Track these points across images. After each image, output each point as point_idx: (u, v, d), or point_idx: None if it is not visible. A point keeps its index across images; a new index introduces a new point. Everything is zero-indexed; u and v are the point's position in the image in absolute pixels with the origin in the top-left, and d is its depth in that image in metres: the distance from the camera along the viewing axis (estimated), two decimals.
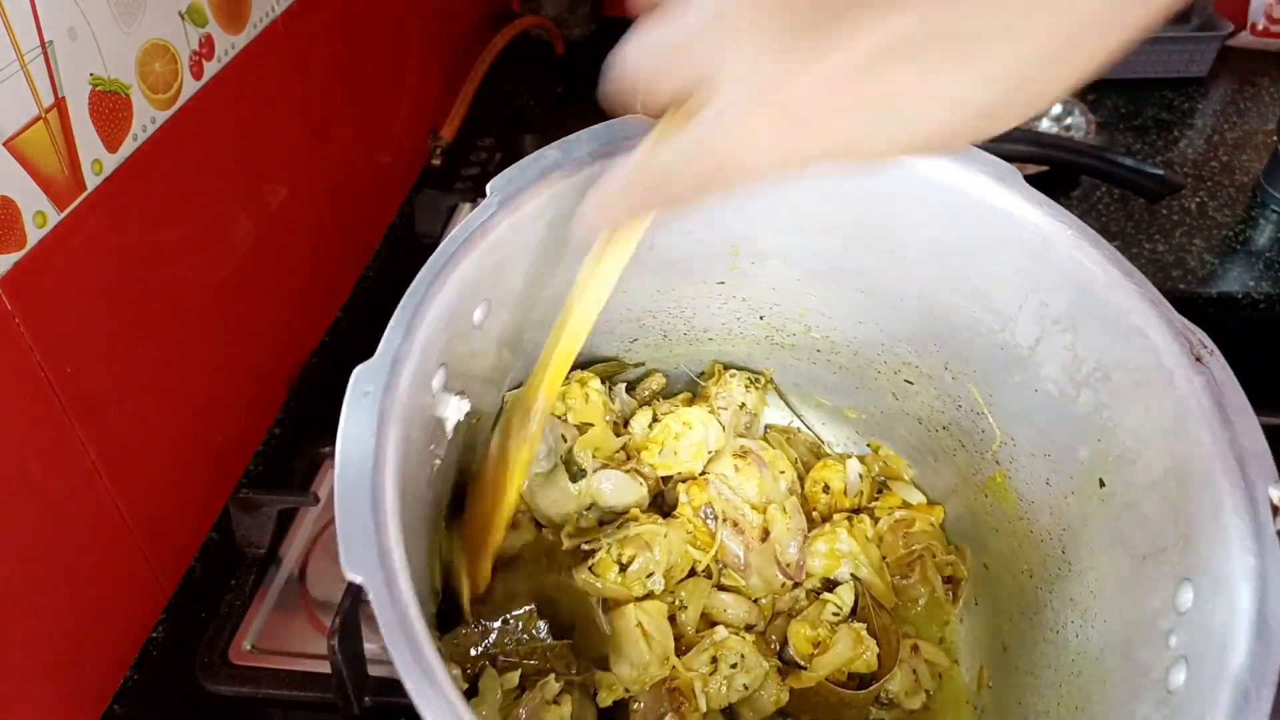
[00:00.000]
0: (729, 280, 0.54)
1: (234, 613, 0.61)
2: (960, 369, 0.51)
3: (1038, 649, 0.46)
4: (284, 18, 0.71)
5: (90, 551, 0.56)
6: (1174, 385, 0.38)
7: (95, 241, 0.53)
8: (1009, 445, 0.50)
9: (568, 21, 1.31)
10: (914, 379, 0.54)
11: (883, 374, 0.55)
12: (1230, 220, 1.01)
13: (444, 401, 0.40)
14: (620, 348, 0.56)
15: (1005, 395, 0.49)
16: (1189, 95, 1.23)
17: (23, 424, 0.50)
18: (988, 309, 0.47)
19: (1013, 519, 0.51)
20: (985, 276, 0.47)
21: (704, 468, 0.56)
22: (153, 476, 0.61)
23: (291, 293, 0.78)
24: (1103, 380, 0.42)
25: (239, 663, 0.59)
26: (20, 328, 0.48)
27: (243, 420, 0.73)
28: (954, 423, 0.54)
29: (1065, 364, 0.45)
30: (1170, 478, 0.38)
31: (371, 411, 0.34)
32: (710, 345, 0.59)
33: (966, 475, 0.54)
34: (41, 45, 0.47)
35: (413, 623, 0.30)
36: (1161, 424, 0.39)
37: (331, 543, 0.66)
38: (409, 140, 1.03)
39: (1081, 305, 0.43)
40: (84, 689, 0.57)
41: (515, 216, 0.40)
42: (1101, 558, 0.42)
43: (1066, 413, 0.45)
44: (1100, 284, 0.42)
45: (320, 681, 0.57)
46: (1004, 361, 0.48)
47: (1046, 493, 0.47)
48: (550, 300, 0.46)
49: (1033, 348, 0.46)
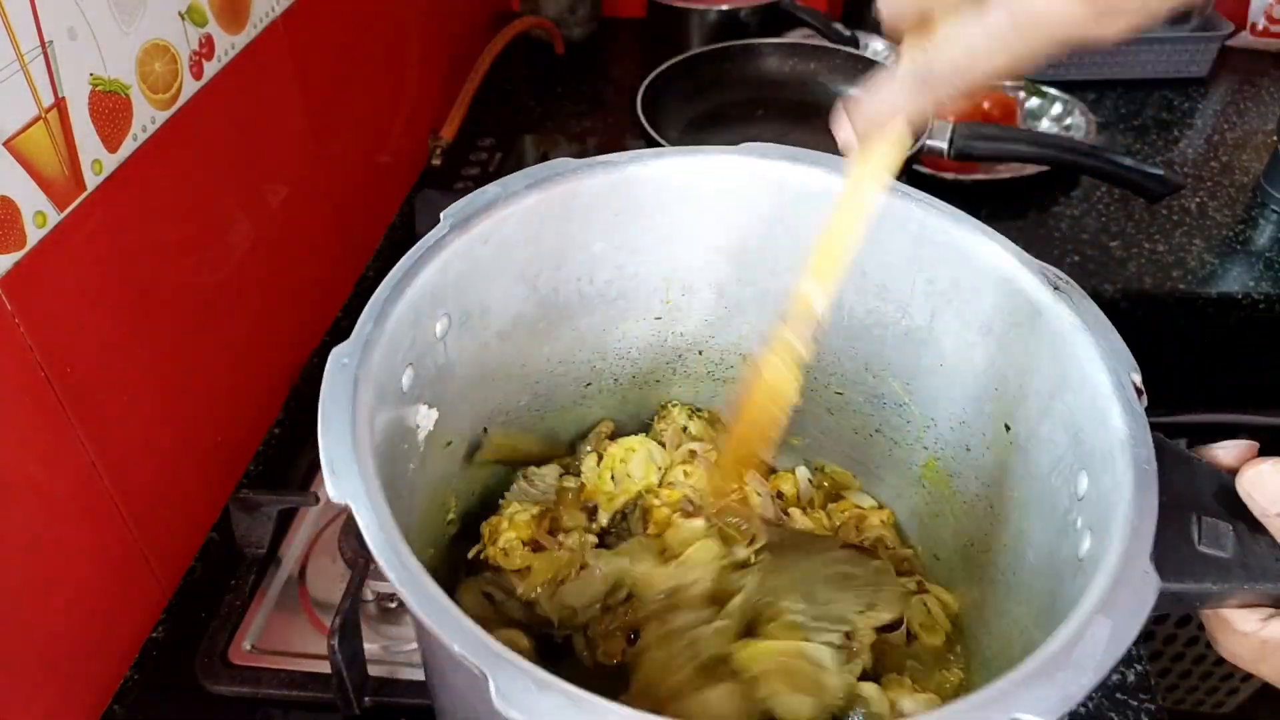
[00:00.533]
0: (665, 315, 0.56)
1: (234, 613, 0.61)
2: (879, 367, 0.55)
3: (988, 605, 0.49)
4: (284, 18, 0.71)
5: (90, 551, 0.56)
6: (1042, 313, 0.44)
7: (95, 241, 0.53)
8: (932, 427, 0.53)
9: (568, 21, 1.31)
10: (842, 388, 0.57)
11: (816, 391, 0.58)
12: (1230, 220, 1.01)
13: (414, 407, 0.44)
14: (575, 394, 0.57)
15: (920, 379, 0.53)
16: (1189, 95, 1.23)
17: (23, 424, 0.50)
18: (888, 300, 0.52)
19: (949, 497, 0.53)
20: (882, 269, 0.51)
21: (659, 480, 0.57)
22: (153, 476, 0.61)
23: (291, 293, 0.78)
24: (988, 334, 0.47)
25: (239, 663, 0.59)
26: (20, 328, 0.48)
27: (243, 420, 0.73)
28: (884, 422, 0.56)
29: (957, 331, 0.49)
30: (1056, 394, 0.43)
31: (349, 374, 0.37)
32: (657, 389, 0.60)
33: (904, 472, 0.57)
34: (41, 45, 0.48)
35: (393, 531, 0.33)
36: (1039, 351, 0.44)
37: (332, 543, 0.66)
38: (409, 140, 1.03)
39: (958, 272, 0.48)
40: (84, 689, 0.57)
41: (467, 236, 0.44)
42: (1019, 494, 0.47)
43: (968, 375, 0.50)
44: (968, 247, 0.47)
45: (320, 681, 0.57)
46: (911, 347, 0.52)
47: (969, 459, 0.51)
48: (505, 325, 0.49)
49: (930, 325, 0.51)
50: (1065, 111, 1.15)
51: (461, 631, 0.29)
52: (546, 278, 0.50)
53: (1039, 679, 0.30)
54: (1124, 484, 0.35)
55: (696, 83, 1.06)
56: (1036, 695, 0.29)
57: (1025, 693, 0.29)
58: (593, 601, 0.50)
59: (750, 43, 1.09)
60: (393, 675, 0.58)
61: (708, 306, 0.56)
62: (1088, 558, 0.36)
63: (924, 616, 0.52)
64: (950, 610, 0.52)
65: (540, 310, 0.51)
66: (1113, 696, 0.59)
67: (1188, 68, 1.25)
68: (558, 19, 1.30)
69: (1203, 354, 0.96)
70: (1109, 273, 0.94)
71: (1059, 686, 0.29)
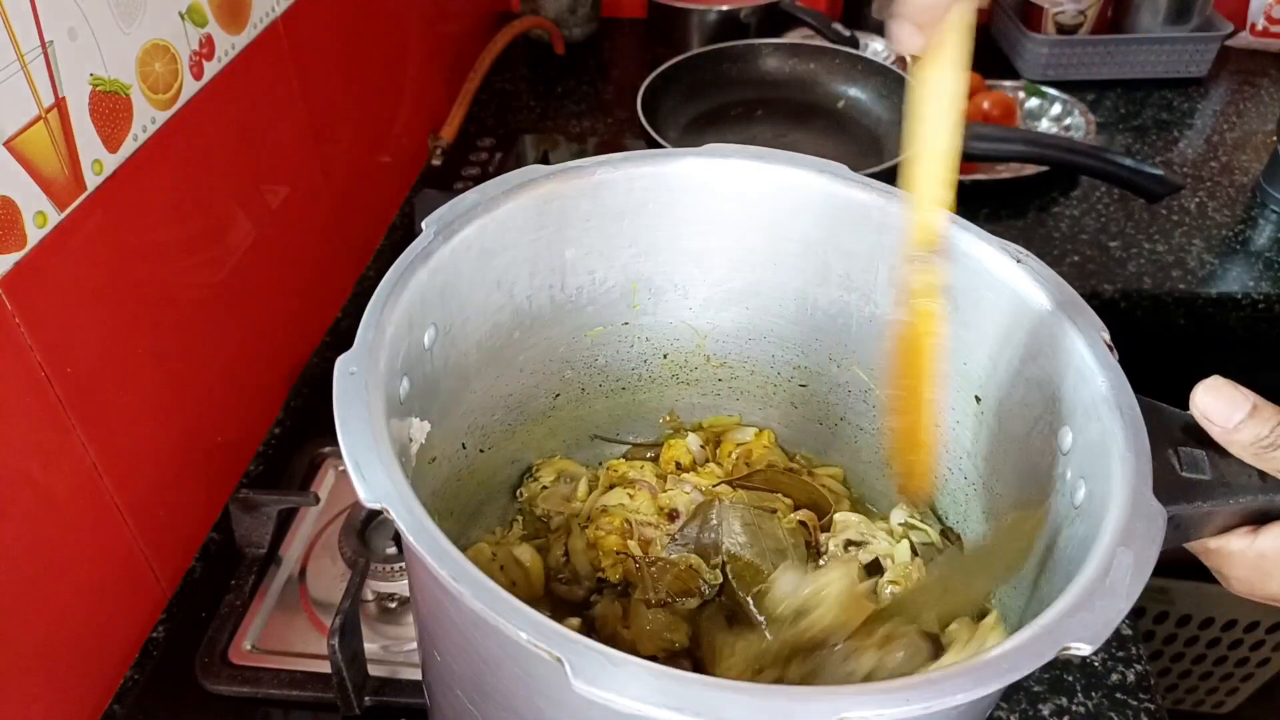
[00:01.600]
0: (632, 320, 0.56)
1: (234, 613, 0.61)
2: (843, 356, 0.55)
3: (975, 567, 0.49)
4: (284, 18, 0.71)
5: (90, 551, 0.56)
6: (1006, 284, 0.45)
7: (95, 241, 0.53)
8: None
9: (568, 21, 1.31)
10: (806, 380, 0.58)
11: (779, 385, 0.59)
12: (1230, 220, 1.01)
13: (409, 420, 0.44)
14: (545, 405, 0.58)
15: (885, 365, 0.53)
16: (1189, 95, 1.23)
17: (23, 424, 0.50)
18: (852, 289, 0.53)
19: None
20: (845, 260, 0.52)
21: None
22: (153, 476, 0.61)
23: (291, 293, 0.78)
24: (953, 311, 0.48)
25: (239, 663, 0.59)
26: (20, 328, 0.49)
27: (243, 420, 0.73)
28: (849, 410, 0.57)
29: None
30: (1028, 360, 0.45)
31: (359, 382, 0.37)
32: (624, 395, 0.60)
33: (870, 458, 0.57)
34: (42, 45, 0.48)
35: (434, 528, 0.33)
36: (1005, 322, 0.46)
37: (332, 542, 0.66)
38: (409, 140, 1.03)
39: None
40: (84, 689, 0.57)
41: (451, 244, 0.45)
42: (996, 460, 0.48)
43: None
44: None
45: (320, 681, 0.57)
46: (875, 333, 0.53)
47: (938, 436, 0.52)
48: (484, 335, 0.49)
49: (894, 311, 0.51)
50: (1065, 112, 1.15)
51: (528, 620, 0.29)
52: (522, 285, 0.50)
53: (1081, 609, 0.31)
54: (1114, 431, 0.38)
55: (696, 83, 1.06)
56: (1083, 623, 0.31)
57: (1071, 622, 0.31)
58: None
59: (750, 43, 1.09)
60: (393, 675, 0.58)
61: (674, 309, 0.57)
62: (1084, 504, 0.39)
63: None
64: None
65: (515, 319, 0.51)
66: (1112, 696, 0.59)
67: (1187, 68, 1.25)
68: (558, 19, 1.30)
69: (1202, 354, 0.96)
70: (1109, 273, 0.94)
71: (1100, 613, 0.31)
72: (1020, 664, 0.30)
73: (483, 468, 0.55)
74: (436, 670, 0.43)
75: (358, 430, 0.35)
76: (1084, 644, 0.30)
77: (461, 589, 0.30)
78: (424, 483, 0.48)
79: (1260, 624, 1.16)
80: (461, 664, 0.38)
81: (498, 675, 0.35)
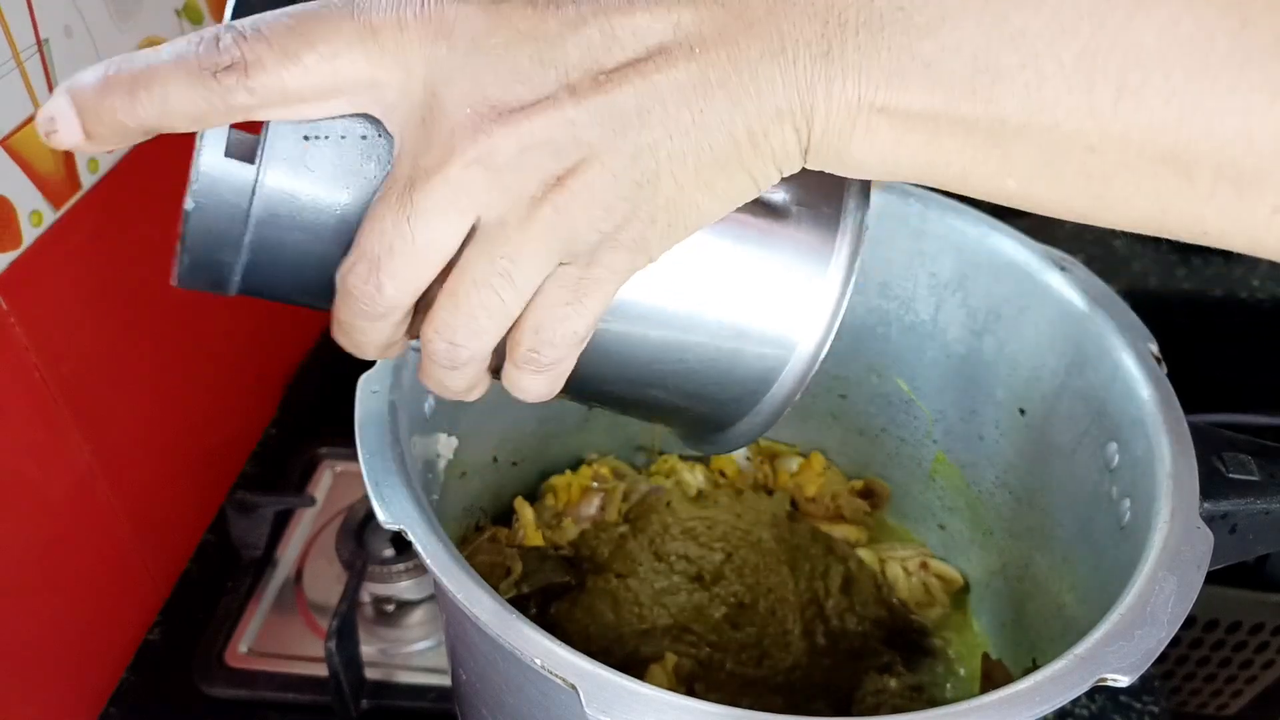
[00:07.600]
0: None
1: (230, 615, 0.61)
2: (883, 366, 0.55)
3: (1022, 585, 0.49)
4: None
5: (86, 553, 0.56)
6: (1052, 293, 0.44)
7: (91, 241, 0.53)
8: (941, 420, 0.54)
9: None
10: (846, 392, 0.57)
11: (819, 399, 0.58)
12: None
13: (435, 436, 0.44)
14: (579, 417, 0.57)
15: (925, 374, 0.53)
16: None
17: (18, 424, 0.49)
18: (890, 298, 0.52)
19: (962, 490, 0.54)
20: (884, 267, 0.51)
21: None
22: (149, 477, 0.61)
23: None
24: (996, 320, 0.48)
25: (235, 665, 0.59)
26: (16, 327, 0.48)
27: (239, 421, 0.73)
28: (890, 421, 0.56)
29: (963, 321, 0.50)
30: (1073, 372, 0.44)
31: (383, 399, 0.38)
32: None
33: (912, 469, 0.57)
34: (37, 43, 0.47)
35: (454, 552, 0.33)
36: (1051, 331, 0.45)
37: (329, 545, 0.66)
38: None
39: (962, 262, 0.49)
40: (80, 691, 0.57)
41: None
42: (1042, 476, 0.47)
43: (976, 364, 0.50)
44: (970, 237, 0.48)
45: (317, 684, 0.57)
46: (915, 342, 0.52)
47: (982, 448, 0.51)
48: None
49: (934, 318, 0.51)
50: None
51: (543, 647, 0.30)
52: None
53: (1118, 639, 0.31)
54: (1160, 447, 0.37)
55: None
56: (1120, 654, 0.30)
57: (1108, 652, 0.30)
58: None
59: None
60: (390, 678, 0.58)
61: None
62: (1129, 524, 0.38)
63: (922, 595, 0.53)
64: (952, 586, 0.54)
65: None
66: (1116, 699, 0.59)
67: None
68: None
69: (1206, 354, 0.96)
70: (1114, 272, 0.93)
71: (1139, 642, 0.30)
72: (1052, 696, 0.29)
73: (515, 481, 0.54)
74: (463, 687, 0.43)
75: (377, 451, 0.35)
76: (1121, 675, 0.29)
77: (478, 614, 0.31)
78: (454, 498, 0.48)
79: (1265, 626, 1.15)
80: (484, 683, 0.38)
81: (518, 697, 0.35)
